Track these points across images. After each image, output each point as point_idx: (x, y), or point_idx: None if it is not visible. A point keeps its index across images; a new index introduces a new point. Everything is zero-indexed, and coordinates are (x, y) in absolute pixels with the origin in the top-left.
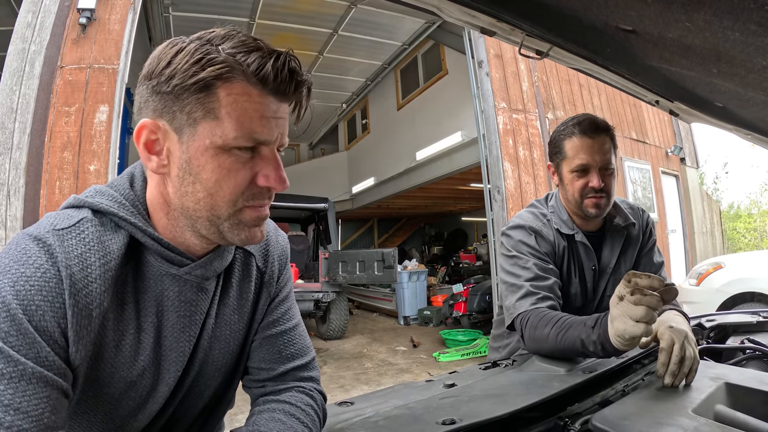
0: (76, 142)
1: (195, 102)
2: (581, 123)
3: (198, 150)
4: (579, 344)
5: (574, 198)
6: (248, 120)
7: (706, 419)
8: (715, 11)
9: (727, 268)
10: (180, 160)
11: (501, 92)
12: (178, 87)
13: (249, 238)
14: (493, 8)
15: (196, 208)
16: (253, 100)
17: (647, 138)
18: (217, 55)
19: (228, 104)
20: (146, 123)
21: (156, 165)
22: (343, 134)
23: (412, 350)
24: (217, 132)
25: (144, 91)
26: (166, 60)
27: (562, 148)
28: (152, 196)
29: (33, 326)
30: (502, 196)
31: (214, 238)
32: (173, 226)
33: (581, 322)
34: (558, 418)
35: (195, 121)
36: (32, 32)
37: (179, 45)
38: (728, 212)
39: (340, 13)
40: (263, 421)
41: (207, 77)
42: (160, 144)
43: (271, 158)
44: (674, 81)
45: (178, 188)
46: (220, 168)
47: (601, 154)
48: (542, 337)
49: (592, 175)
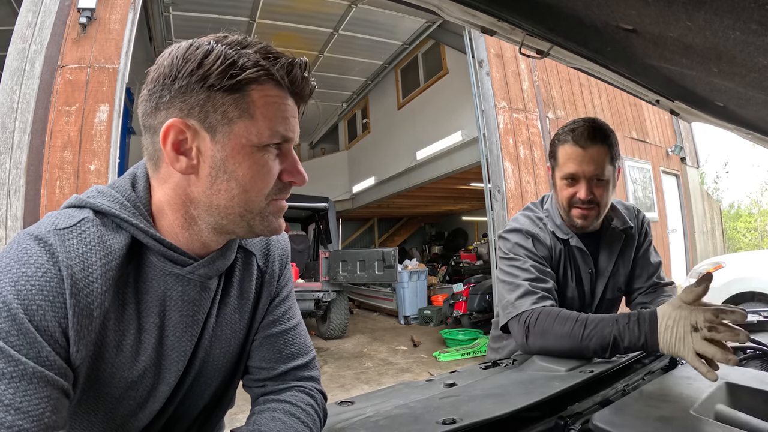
0: (76, 141)
1: (231, 102)
2: (575, 130)
3: (235, 148)
4: (610, 340)
5: (562, 205)
6: (278, 120)
7: (707, 419)
8: (716, 10)
9: (727, 268)
10: (213, 159)
11: (501, 91)
12: (215, 88)
13: (277, 227)
14: (493, 7)
15: (228, 205)
16: (281, 102)
17: (648, 137)
18: (248, 59)
19: (262, 105)
20: (174, 123)
21: (185, 166)
22: (343, 133)
23: (412, 350)
24: (252, 131)
25: (164, 91)
26: (195, 61)
27: (556, 154)
28: (165, 197)
29: (34, 326)
30: (502, 195)
31: (241, 232)
32: (190, 224)
33: (611, 319)
34: (558, 418)
35: (231, 120)
36: (32, 32)
37: (205, 47)
38: (729, 212)
39: (340, 13)
40: (264, 420)
41: (244, 79)
42: (188, 143)
43: (292, 155)
44: (675, 80)
45: (209, 187)
46: (256, 165)
47: (592, 165)
48: (561, 333)
49: (580, 186)
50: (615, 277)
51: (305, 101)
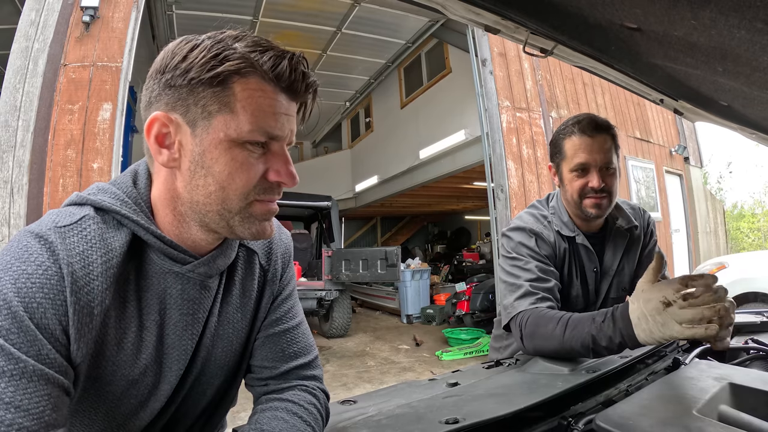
0: (79, 139)
1: (211, 96)
2: (580, 122)
3: (212, 143)
4: (590, 340)
5: (573, 198)
6: (262, 115)
7: (710, 420)
8: (721, 9)
9: (730, 268)
10: (192, 153)
11: (505, 91)
12: (195, 80)
13: (259, 232)
14: (497, 6)
15: (206, 202)
16: (267, 96)
17: (651, 137)
18: (233, 51)
19: (243, 99)
20: (158, 116)
21: (167, 158)
22: (346, 132)
23: (414, 349)
24: (231, 125)
25: (155, 85)
26: (181, 54)
27: (562, 148)
28: (158, 193)
29: (34, 324)
30: (505, 194)
31: (224, 233)
32: (180, 222)
33: (590, 318)
34: (561, 418)
35: (210, 114)
36: (36, 30)
37: (194, 41)
38: (732, 212)
39: (343, 12)
40: (266, 419)
41: (224, 71)
42: (171, 137)
43: (282, 154)
44: (679, 79)
45: (189, 182)
46: (233, 161)
47: (601, 153)
48: (546, 335)
49: (591, 175)
50: (620, 276)
51: (300, 97)
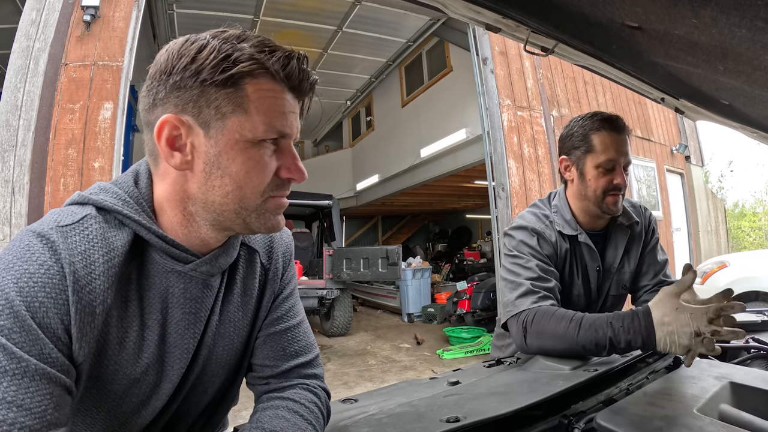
0: (80, 139)
1: (224, 97)
2: (609, 119)
3: (228, 143)
4: (606, 343)
5: (596, 194)
6: (274, 115)
7: (711, 419)
8: (722, 8)
9: (731, 267)
10: (207, 155)
11: (506, 89)
12: (207, 82)
13: (275, 225)
14: (498, 4)
15: (223, 202)
16: (278, 96)
17: (652, 136)
18: (242, 52)
19: (256, 99)
20: (168, 118)
21: (179, 161)
22: (347, 131)
23: (415, 347)
24: (246, 126)
25: (160, 86)
26: (189, 56)
27: (590, 141)
28: (165, 194)
29: (36, 323)
30: (506, 193)
31: (238, 230)
32: (189, 221)
33: (606, 320)
34: (562, 417)
35: (224, 115)
36: (36, 30)
37: (200, 42)
38: (733, 211)
39: (344, 10)
40: (267, 418)
41: (237, 73)
42: (182, 139)
43: (291, 151)
44: (680, 78)
45: (204, 183)
46: (249, 160)
47: (626, 152)
48: (557, 334)
49: (617, 173)
50: (620, 273)
51: (305, 96)
